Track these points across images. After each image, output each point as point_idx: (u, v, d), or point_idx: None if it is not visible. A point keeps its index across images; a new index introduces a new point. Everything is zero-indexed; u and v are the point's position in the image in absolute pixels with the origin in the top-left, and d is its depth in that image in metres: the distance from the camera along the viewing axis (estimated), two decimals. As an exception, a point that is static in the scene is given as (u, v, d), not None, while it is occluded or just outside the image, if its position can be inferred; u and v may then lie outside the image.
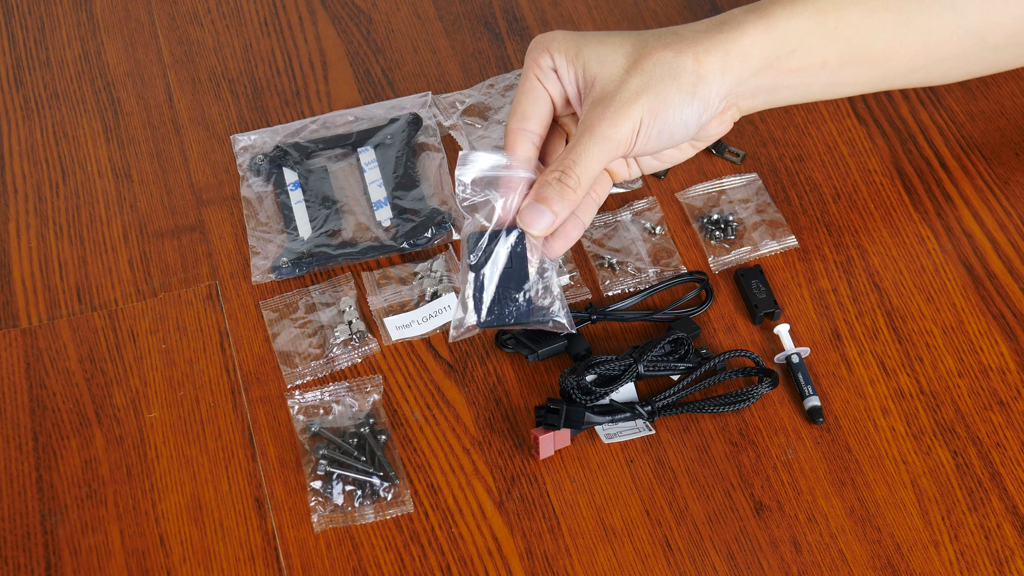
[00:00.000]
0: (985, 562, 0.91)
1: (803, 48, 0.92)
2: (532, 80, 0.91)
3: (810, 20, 0.91)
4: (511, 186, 0.90)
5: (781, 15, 0.91)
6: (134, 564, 0.93)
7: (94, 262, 1.07)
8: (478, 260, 0.89)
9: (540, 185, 0.89)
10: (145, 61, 1.20)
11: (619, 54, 0.89)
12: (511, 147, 0.91)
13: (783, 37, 0.91)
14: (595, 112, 0.88)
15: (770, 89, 0.93)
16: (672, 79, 0.89)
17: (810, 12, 0.91)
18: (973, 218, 1.06)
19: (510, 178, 0.89)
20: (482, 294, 0.90)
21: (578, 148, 0.88)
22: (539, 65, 0.90)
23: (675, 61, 0.89)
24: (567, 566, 0.92)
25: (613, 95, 0.88)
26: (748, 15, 0.91)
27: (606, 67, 0.89)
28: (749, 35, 0.90)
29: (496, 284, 0.90)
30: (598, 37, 0.90)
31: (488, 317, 0.90)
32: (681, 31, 0.91)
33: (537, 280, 0.90)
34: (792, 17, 0.91)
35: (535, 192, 0.89)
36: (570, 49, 0.90)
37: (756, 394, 0.97)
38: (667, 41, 0.90)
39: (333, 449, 0.96)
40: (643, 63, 0.89)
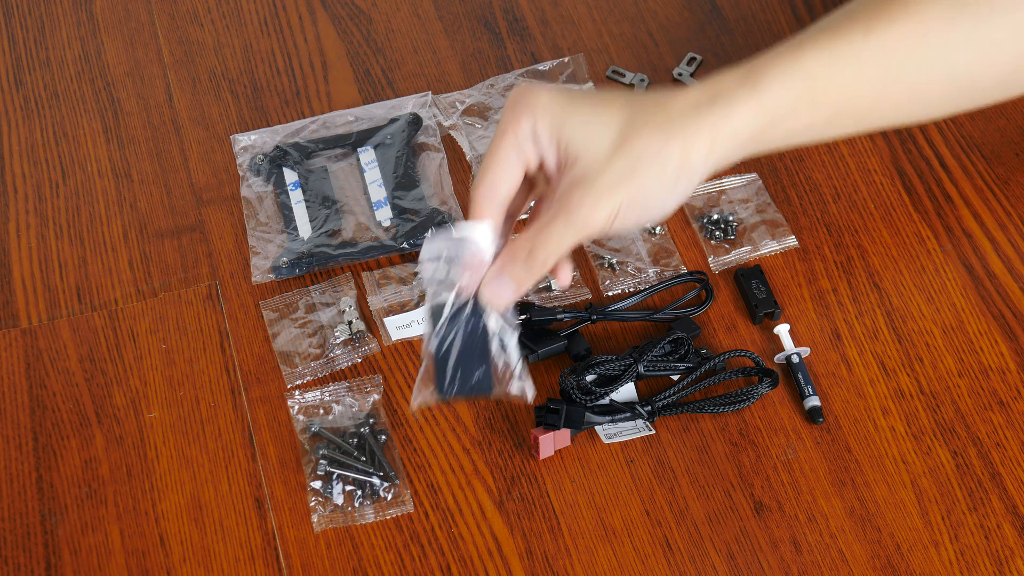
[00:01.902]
0: (985, 562, 0.91)
1: (791, 116, 0.88)
2: (507, 145, 0.86)
3: (801, 89, 0.87)
4: (472, 264, 0.87)
5: (772, 87, 0.87)
6: (134, 564, 0.93)
7: (94, 262, 1.07)
8: (441, 333, 0.88)
9: (507, 261, 0.86)
10: (145, 61, 1.20)
11: (605, 134, 0.85)
12: (479, 216, 0.87)
13: (773, 111, 0.87)
14: (575, 194, 0.84)
15: (749, 153, 0.90)
16: (658, 169, 0.85)
17: (800, 77, 0.87)
18: (973, 218, 1.06)
19: (473, 256, 0.87)
20: (445, 367, 0.88)
21: (552, 229, 0.85)
22: (518, 129, 0.85)
23: (663, 150, 0.85)
24: (567, 566, 0.92)
25: (594, 179, 0.84)
26: (740, 88, 0.86)
27: (590, 146, 0.85)
28: (739, 114, 0.86)
29: (457, 357, 0.88)
30: (585, 107, 0.86)
31: (450, 390, 0.88)
32: (670, 106, 0.86)
33: (500, 354, 0.89)
34: (784, 90, 0.87)
35: (501, 266, 0.86)
36: (555, 120, 0.85)
37: (756, 394, 0.97)
38: (656, 122, 0.85)
39: (333, 449, 0.96)
40: (629, 147, 0.84)
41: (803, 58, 0.87)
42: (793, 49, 0.88)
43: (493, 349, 0.88)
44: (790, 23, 1.18)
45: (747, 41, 1.17)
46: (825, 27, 0.89)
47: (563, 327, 1.00)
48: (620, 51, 1.18)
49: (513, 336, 0.89)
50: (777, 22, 1.18)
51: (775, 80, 0.86)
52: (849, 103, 0.90)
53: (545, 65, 1.16)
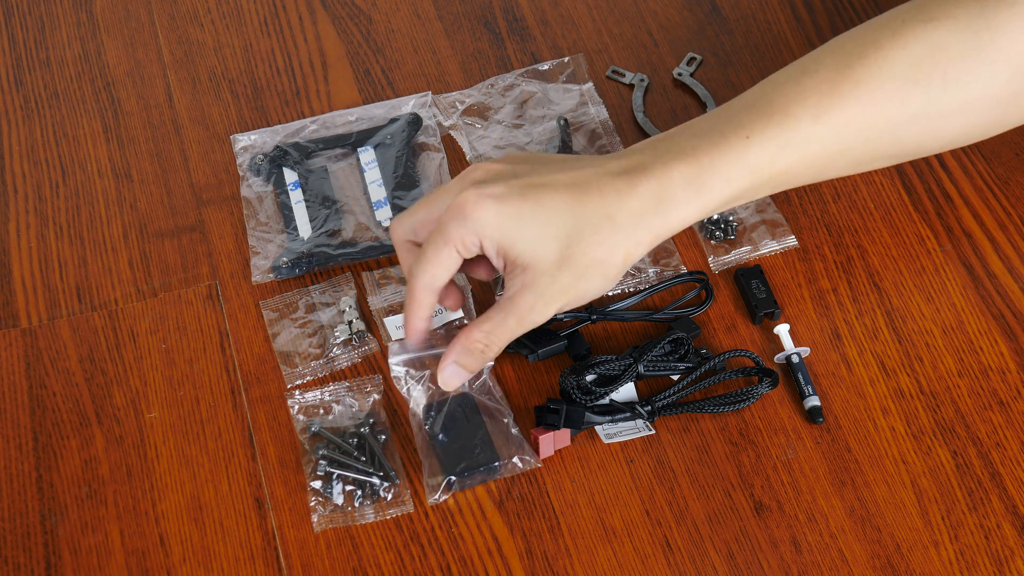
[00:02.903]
0: (985, 562, 0.91)
1: (731, 204, 0.92)
2: (451, 252, 0.90)
3: (744, 183, 0.90)
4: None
5: (716, 189, 0.89)
6: (134, 564, 0.93)
7: (94, 262, 1.07)
8: (438, 426, 0.96)
9: (464, 352, 0.92)
10: (145, 61, 1.20)
11: (552, 246, 0.88)
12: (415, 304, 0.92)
13: (713, 207, 0.90)
14: (525, 299, 0.89)
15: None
16: (602, 274, 0.90)
17: (746, 174, 0.90)
18: (973, 218, 1.06)
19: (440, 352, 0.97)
20: (448, 455, 0.95)
21: (504, 329, 0.91)
22: (464, 242, 0.89)
23: (608, 259, 0.89)
24: (567, 566, 0.92)
25: (544, 288, 0.89)
26: (686, 193, 0.89)
27: (538, 259, 0.88)
28: (683, 214, 0.89)
29: (459, 443, 0.95)
30: (532, 223, 0.88)
31: (457, 472, 0.94)
32: (616, 216, 0.88)
33: (493, 427, 0.96)
34: (727, 188, 0.89)
35: (458, 356, 0.93)
36: (503, 239, 0.88)
37: (756, 394, 0.97)
38: (602, 235, 0.88)
39: (333, 449, 0.96)
40: (576, 259, 0.88)
41: (750, 154, 0.89)
42: (742, 141, 0.89)
43: (487, 427, 0.96)
44: (790, 23, 1.18)
45: (747, 41, 1.17)
46: (773, 114, 0.89)
47: (563, 327, 1.00)
48: (620, 51, 1.18)
49: (508, 412, 0.98)
50: (777, 22, 1.18)
51: (720, 181, 0.89)
52: (789, 183, 0.93)
53: (545, 65, 1.16)
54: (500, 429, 0.96)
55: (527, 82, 1.15)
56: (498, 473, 0.95)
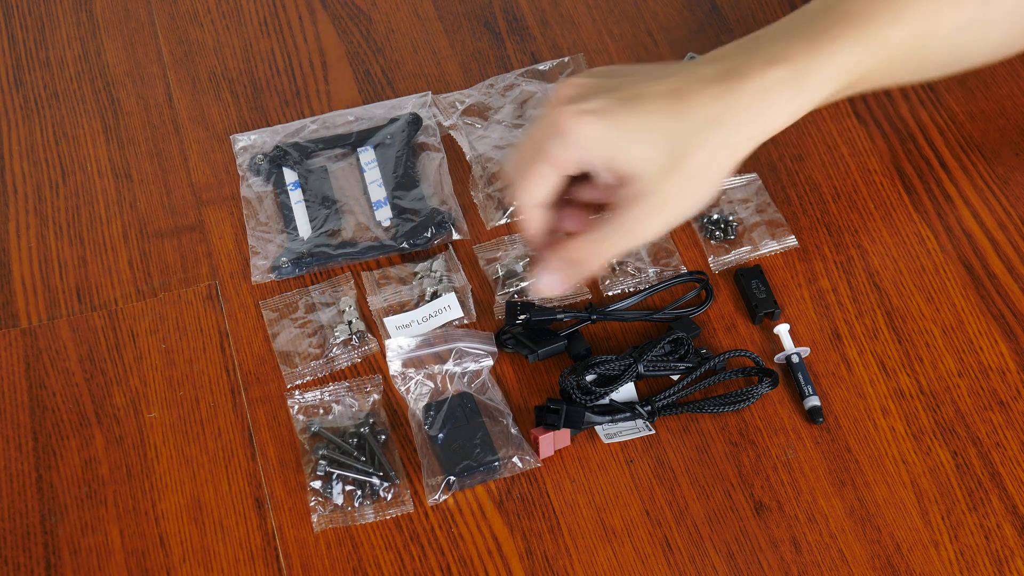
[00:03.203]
0: (985, 562, 0.91)
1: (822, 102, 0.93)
2: (551, 168, 0.89)
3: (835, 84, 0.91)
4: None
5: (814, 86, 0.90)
6: (134, 564, 0.93)
7: (94, 262, 1.07)
8: (437, 426, 0.96)
9: (563, 262, 0.91)
10: (145, 61, 1.20)
11: (658, 152, 0.87)
12: (532, 225, 0.91)
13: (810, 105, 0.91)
14: (633, 210, 0.88)
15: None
16: (709, 180, 0.90)
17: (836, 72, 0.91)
18: (973, 218, 1.06)
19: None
20: (447, 455, 0.95)
21: (611, 240, 0.90)
22: (566, 160, 0.88)
23: (713, 161, 0.89)
24: (567, 566, 0.92)
25: (652, 196, 0.88)
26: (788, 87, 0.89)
27: (647, 165, 0.87)
28: (783, 113, 0.90)
29: (459, 442, 0.95)
30: (635, 131, 0.88)
31: (457, 472, 0.94)
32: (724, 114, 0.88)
33: (493, 427, 0.96)
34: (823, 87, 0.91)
35: (557, 265, 0.91)
36: (605, 154, 0.87)
37: (756, 394, 0.97)
38: (707, 136, 0.88)
39: (333, 449, 0.96)
40: (685, 165, 0.88)
41: (840, 55, 0.90)
42: (829, 45, 0.91)
43: (487, 428, 0.95)
44: (790, 23, 1.18)
45: (747, 41, 1.17)
46: (852, 12, 0.92)
47: (563, 327, 1.00)
48: (620, 51, 1.17)
49: (508, 412, 0.98)
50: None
51: (814, 83, 0.90)
52: (876, 81, 0.95)
53: (545, 65, 1.16)
54: (500, 429, 0.96)
55: (527, 82, 1.15)
56: (498, 473, 0.95)
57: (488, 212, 1.08)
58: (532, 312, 1.00)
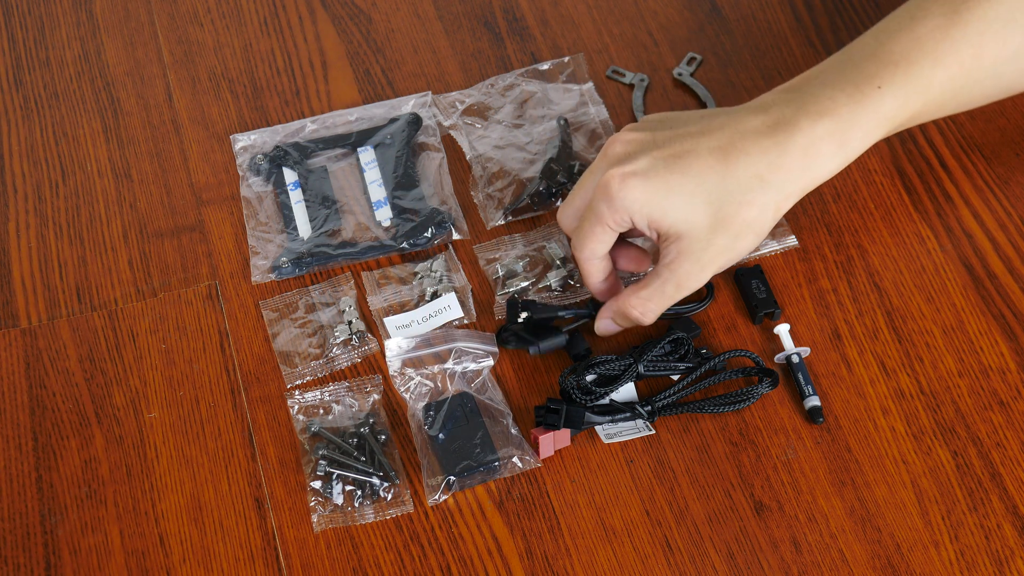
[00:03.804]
0: (985, 562, 0.91)
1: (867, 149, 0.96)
2: (603, 228, 0.94)
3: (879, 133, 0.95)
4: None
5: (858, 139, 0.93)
6: (134, 564, 0.93)
7: (94, 262, 1.07)
8: (437, 426, 0.96)
9: (621, 317, 0.97)
10: (145, 61, 1.20)
11: (703, 212, 0.91)
12: (583, 270, 0.97)
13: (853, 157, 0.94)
14: (683, 266, 0.93)
15: None
16: (755, 234, 0.93)
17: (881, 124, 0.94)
18: (973, 218, 1.06)
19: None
20: (447, 455, 0.95)
21: (663, 294, 0.95)
22: (615, 219, 0.92)
23: (759, 218, 0.92)
24: (567, 566, 0.92)
25: (701, 253, 0.93)
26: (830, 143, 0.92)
27: (691, 226, 0.92)
28: (828, 166, 0.93)
29: (459, 442, 0.95)
30: (681, 194, 0.91)
31: (457, 472, 0.94)
32: (766, 173, 0.91)
33: (493, 427, 0.96)
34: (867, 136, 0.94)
35: (615, 316, 0.98)
36: (652, 213, 0.91)
37: (756, 394, 0.97)
38: (752, 195, 0.91)
39: (333, 449, 0.96)
40: (728, 224, 0.92)
41: (884, 104, 0.94)
42: (874, 91, 0.93)
43: (487, 427, 0.96)
44: (790, 23, 1.18)
45: (747, 41, 1.17)
46: (899, 63, 0.94)
47: (564, 324, 1.00)
48: (620, 51, 1.17)
49: (508, 413, 0.98)
50: (777, 22, 1.18)
51: (860, 133, 0.94)
52: (917, 123, 0.99)
53: (545, 65, 1.16)
54: (500, 429, 0.96)
55: (527, 82, 1.15)
56: (498, 473, 0.95)
57: (488, 212, 1.08)
58: (533, 309, 1.00)
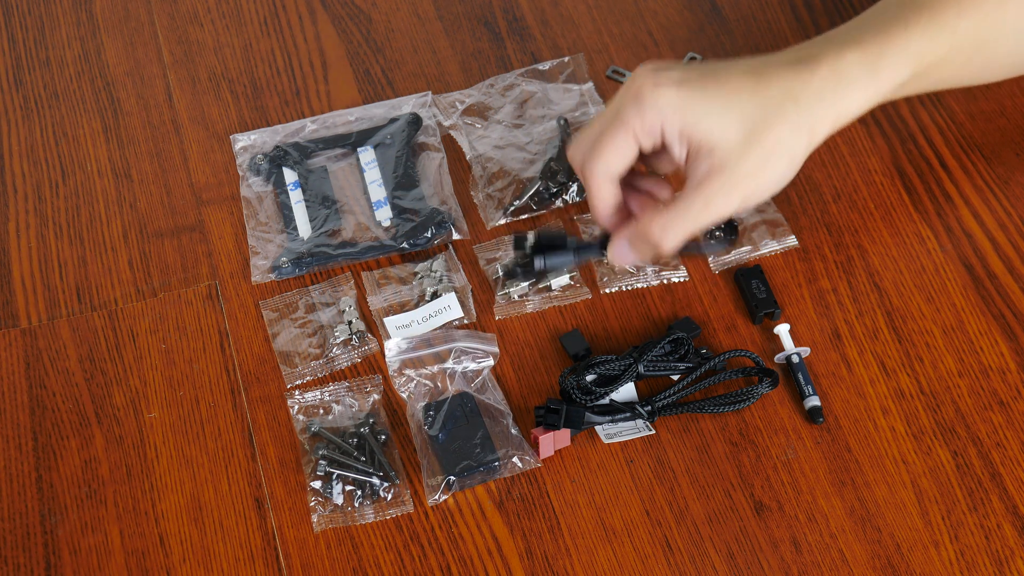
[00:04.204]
0: (985, 562, 0.91)
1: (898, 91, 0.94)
2: (628, 134, 0.88)
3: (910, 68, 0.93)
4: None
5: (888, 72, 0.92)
6: (134, 564, 0.93)
7: (94, 262, 1.07)
8: (437, 426, 0.96)
9: (639, 238, 0.90)
10: (145, 61, 1.20)
11: (738, 127, 0.87)
12: (592, 191, 0.90)
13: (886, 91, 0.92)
14: (712, 184, 0.87)
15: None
16: (789, 157, 0.90)
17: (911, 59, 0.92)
18: (973, 218, 1.06)
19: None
20: (447, 455, 0.95)
21: (688, 214, 0.88)
22: (644, 125, 0.87)
23: (792, 139, 0.89)
24: (567, 566, 0.92)
25: (732, 170, 0.87)
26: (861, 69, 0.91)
27: (725, 139, 0.87)
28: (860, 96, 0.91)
29: (459, 442, 0.95)
30: (715, 102, 0.87)
31: (457, 472, 0.94)
32: (799, 94, 0.89)
33: (493, 427, 0.96)
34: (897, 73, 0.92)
35: (637, 236, 0.90)
36: (685, 120, 0.87)
37: (756, 394, 0.97)
38: (785, 114, 0.88)
39: (333, 449, 0.96)
40: (762, 141, 0.88)
41: (911, 41, 0.92)
42: (902, 31, 0.92)
43: (487, 427, 0.95)
44: (790, 23, 1.18)
45: (747, 41, 1.17)
46: (922, 5, 0.93)
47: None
48: (620, 51, 1.17)
49: (508, 413, 0.98)
50: (777, 22, 1.18)
51: (889, 66, 0.92)
52: (947, 74, 0.96)
53: (545, 65, 1.16)
54: (500, 429, 0.96)
55: (527, 82, 1.15)
56: (498, 473, 0.95)
57: (488, 212, 1.08)
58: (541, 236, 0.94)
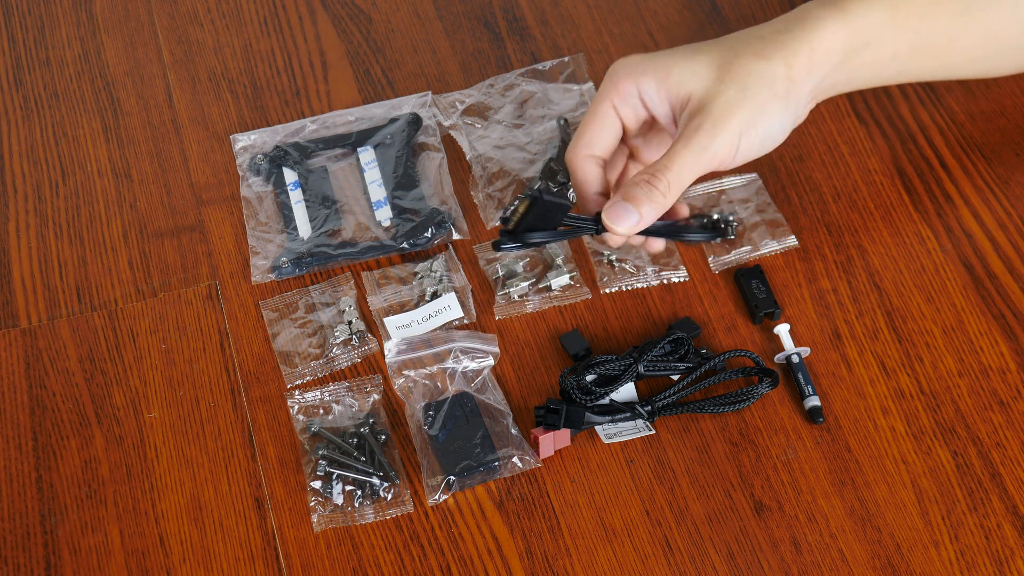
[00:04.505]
0: (985, 562, 0.91)
1: (876, 40, 0.93)
2: (607, 108, 0.90)
3: (883, 12, 0.92)
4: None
5: (858, 9, 0.92)
6: (134, 564, 0.93)
7: (94, 262, 1.07)
8: (437, 426, 0.96)
9: (628, 185, 0.88)
10: (145, 61, 1.20)
11: (710, 66, 0.89)
12: (575, 173, 0.91)
13: (859, 30, 0.92)
14: (693, 123, 0.88)
15: (845, 82, 0.95)
16: (767, 86, 0.89)
17: (883, 4, 0.93)
18: (973, 218, 1.06)
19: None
20: (447, 455, 0.95)
21: (672, 155, 0.88)
22: (620, 94, 0.89)
23: (767, 69, 0.89)
24: (567, 566, 0.92)
25: (710, 107, 0.88)
26: (825, 10, 0.92)
27: (700, 80, 0.88)
28: (830, 31, 0.91)
29: (459, 442, 0.95)
30: (683, 54, 0.90)
31: (457, 472, 0.94)
32: (764, 33, 0.91)
33: (493, 426, 0.96)
34: (868, 10, 0.92)
35: (623, 191, 0.88)
36: (658, 72, 0.89)
37: (756, 394, 0.97)
38: (755, 48, 0.90)
39: (333, 449, 0.96)
40: (735, 73, 0.88)
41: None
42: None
43: (487, 427, 0.95)
44: (790, 23, 1.18)
45: (747, 41, 1.17)
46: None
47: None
48: (620, 51, 1.17)
49: (508, 413, 0.97)
50: (777, 22, 1.18)
51: (859, 3, 0.92)
52: (927, 34, 0.95)
53: (545, 65, 1.16)
54: (500, 429, 0.96)
55: (527, 82, 1.15)
56: (498, 473, 0.95)
57: (488, 212, 1.08)
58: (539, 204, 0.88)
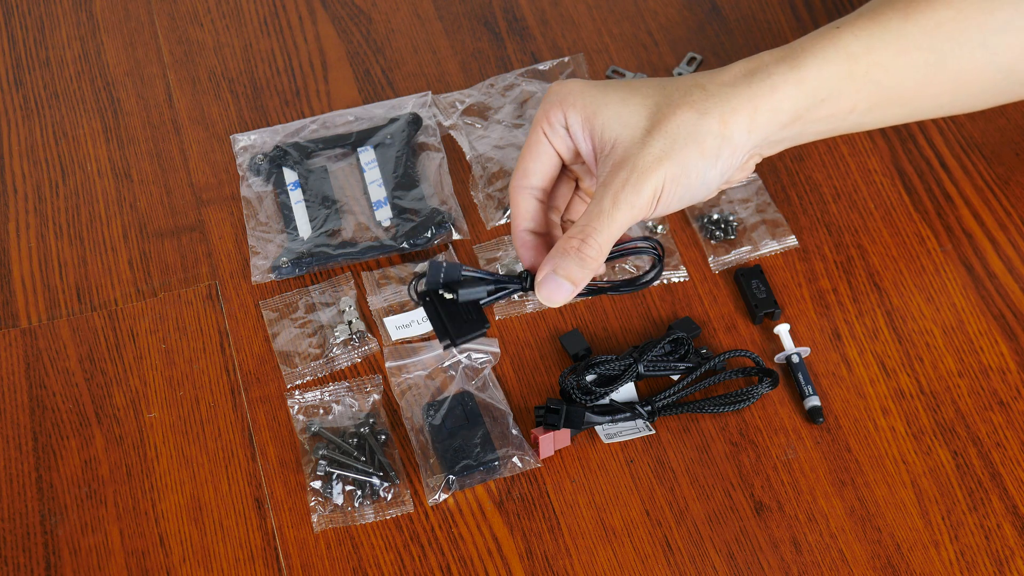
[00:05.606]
0: (985, 562, 0.91)
1: (833, 96, 0.88)
2: (539, 136, 0.87)
3: (841, 67, 0.88)
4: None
5: (812, 64, 0.87)
6: (134, 564, 0.93)
7: (94, 262, 1.07)
8: (438, 424, 0.96)
9: (559, 256, 0.84)
10: (145, 61, 1.20)
11: (640, 114, 0.85)
12: (512, 205, 0.88)
13: (814, 88, 0.87)
14: (617, 177, 0.84)
15: (795, 136, 0.90)
16: (695, 143, 0.84)
17: (841, 58, 0.87)
18: (973, 218, 1.06)
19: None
20: (447, 454, 0.94)
21: (600, 215, 0.84)
22: (549, 122, 0.86)
23: (699, 123, 0.84)
24: (567, 566, 0.92)
25: (635, 160, 0.84)
26: (779, 65, 0.87)
27: (627, 129, 0.84)
28: (780, 89, 0.86)
29: (459, 442, 0.95)
30: (617, 94, 0.86)
31: (456, 472, 0.94)
32: (707, 84, 0.86)
33: (493, 426, 0.96)
34: (824, 65, 0.87)
35: (554, 264, 0.84)
36: (587, 108, 0.85)
37: (756, 394, 0.97)
38: (692, 99, 0.85)
39: (333, 449, 0.96)
40: (665, 125, 0.84)
41: (842, 38, 0.87)
42: (831, 30, 0.88)
43: (487, 426, 0.95)
44: (790, 23, 1.18)
45: (747, 41, 1.17)
46: (861, 13, 0.89)
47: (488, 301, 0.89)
48: (620, 51, 1.18)
49: (508, 412, 0.97)
50: (777, 22, 1.18)
51: (815, 57, 0.87)
52: (892, 86, 0.90)
53: (545, 65, 1.16)
54: (500, 429, 0.96)
55: (527, 82, 1.15)
56: (498, 473, 0.95)
57: (488, 212, 1.08)
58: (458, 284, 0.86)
